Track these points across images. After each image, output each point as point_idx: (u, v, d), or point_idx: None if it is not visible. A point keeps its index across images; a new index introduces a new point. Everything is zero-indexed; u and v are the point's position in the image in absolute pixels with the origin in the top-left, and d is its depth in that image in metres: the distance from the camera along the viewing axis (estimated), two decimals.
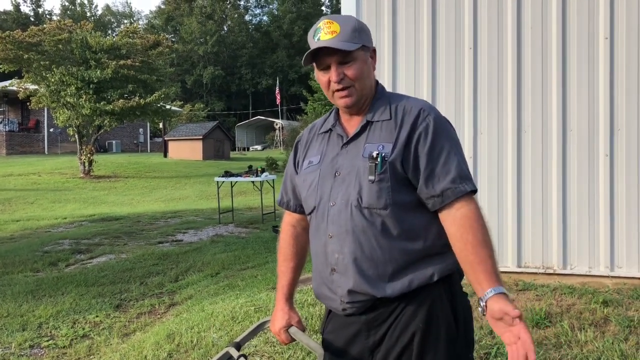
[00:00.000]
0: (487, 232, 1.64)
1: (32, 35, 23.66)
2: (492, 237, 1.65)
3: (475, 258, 1.59)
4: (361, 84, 1.74)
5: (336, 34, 1.70)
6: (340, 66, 1.71)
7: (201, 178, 24.32)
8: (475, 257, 1.59)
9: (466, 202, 1.65)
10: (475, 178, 4.75)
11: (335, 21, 1.72)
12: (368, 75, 1.76)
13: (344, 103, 1.75)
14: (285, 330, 1.90)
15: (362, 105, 1.78)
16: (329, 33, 1.70)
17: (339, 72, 1.71)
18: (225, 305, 4.88)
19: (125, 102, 24.34)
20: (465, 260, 1.61)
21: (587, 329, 3.56)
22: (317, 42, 1.71)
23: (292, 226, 1.99)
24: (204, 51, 67.76)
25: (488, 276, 1.57)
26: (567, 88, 4.61)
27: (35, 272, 7.54)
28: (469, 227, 1.62)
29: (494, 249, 1.62)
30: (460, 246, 1.62)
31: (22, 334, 4.96)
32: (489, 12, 4.77)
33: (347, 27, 1.71)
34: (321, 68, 1.74)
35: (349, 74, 1.71)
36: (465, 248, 1.61)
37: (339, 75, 1.71)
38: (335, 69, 1.71)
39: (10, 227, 12.18)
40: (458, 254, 1.64)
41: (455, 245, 1.64)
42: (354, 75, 1.72)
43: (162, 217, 13.04)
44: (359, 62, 1.72)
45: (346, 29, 1.71)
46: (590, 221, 4.59)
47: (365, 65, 1.75)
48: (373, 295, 1.69)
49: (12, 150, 35.53)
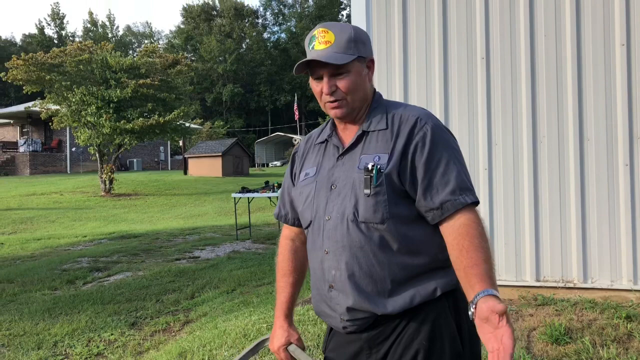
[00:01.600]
0: (485, 240, 1.55)
1: (54, 56, 24.13)
2: (490, 246, 1.57)
3: (469, 262, 1.51)
4: (353, 96, 1.68)
5: (330, 44, 1.65)
6: (333, 78, 1.66)
7: (220, 195, 24.40)
8: (469, 261, 1.51)
9: (466, 213, 1.58)
10: (490, 190, 4.66)
11: (330, 30, 1.67)
12: (362, 87, 1.70)
13: (335, 114, 1.71)
14: (284, 349, 1.84)
15: (357, 115, 1.73)
16: (323, 43, 1.65)
17: (330, 84, 1.66)
18: (239, 323, 4.82)
19: (144, 120, 24.61)
20: (460, 267, 1.53)
21: (609, 345, 3.43)
22: (310, 52, 1.67)
23: (291, 240, 1.93)
24: (223, 69, 68.61)
25: (480, 279, 1.48)
26: (584, 96, 4.51)
27: (53, 290, 7.57)
28: (465, 234, 1.55)
29: (491, 256, 1.54)
30: (456, 254, 1.55)
31: (37, 353, 4.96)
32: (501, 21, 4.70)
33: (343, 37, 1.66)
34: (314, 77, 1.70)
35: (341, 87, 1.66)
36: (460, 254, 1.53)
37: (330, 87, 1.67)
38: (327, 80, 1.66)
39: (31, 246, 12.30)
40: (454, 263, 1.56)
41: (452, 255, 1.57)
42: (346, 88, 1.66)
43: (181, 234, 13.07)
44: (353, 74, 1.67)
45: (341, 39, 1.65)
46: (611, 233, 4.45)
47: (359, 77, 1.69)
48: (373, 312, 1.63)
49: (36, 170, 36.14)
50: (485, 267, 1.50)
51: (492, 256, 1.55)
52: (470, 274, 1.50)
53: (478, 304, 1.44)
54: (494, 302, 1.40)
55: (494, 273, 1.52)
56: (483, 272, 1.49)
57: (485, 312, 1.40)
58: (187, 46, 75.06)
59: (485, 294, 1.43)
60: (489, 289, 1.45)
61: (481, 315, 1.42)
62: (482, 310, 1.41)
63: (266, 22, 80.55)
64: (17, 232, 15.82)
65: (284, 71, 69.80)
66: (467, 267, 1.51)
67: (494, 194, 4.67)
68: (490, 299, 1.41)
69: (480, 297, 1.44)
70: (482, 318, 1.41)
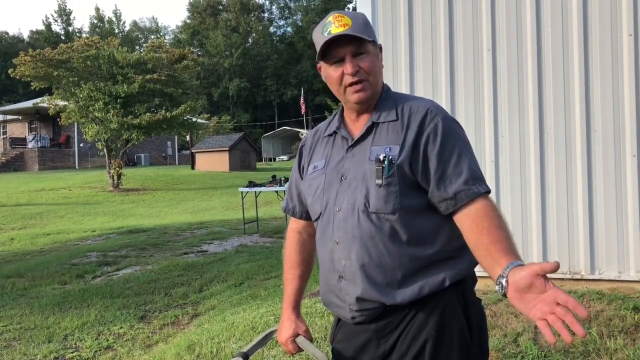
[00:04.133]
0: (504, 221, 1.53)
1: (62, 52, 24.22)
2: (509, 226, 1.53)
3: (491, 239, 1.46)
4: (374, 78, 1.69)
5: (348, 26, 1.64)
6: (355, 58, 1.65)
7: (227, 189, 24.46)
8: (490, 238, 1.46)
9: (481, 200, 1.57)
10: (497, 182, 4.66)
11: (346, 15, 1.68)
12: (379, 72, 1.72)
13: (358, 98, 1.68)
14: (292, 340, 1.85)
15: (372, 103, 1.73)
16: (342, 26, 1.64)
17: (354, 63, 1.65)
18: (247, 315, 4.86)
19: (152, 115, 24.69)
20: (481, 246, 1.48)
21: (616, 336, 3.43)
22: (330, 35, 1.64)
23: (298, 232, 1.94)
24: (229, 64, 68.60)
25: (505, 252, 1.41)
26: (590, 87, 4.49)
27: (63, 285, 7.64)
28: (484, 216, 1.52)
29: (512, 235, 1.49)
30: (475, 236, 1.51)
31: (47, 346, 5.01)
32: (507, 12, 4.67)
33: (358, 20, 1.68)
34: (333, 62, 1.67)
35: (363, 67, 1.66)
36: (480, 234, 1.49)
37: (354, 66, 1.65)
38: (350, 60, 1.65)
39: (41, 241, 12.40)
40: (474, 244, 1.51)
41: (470, 238, 1.53)
42: (369, 67, 1.66)
43: (189, 229, 13.13)
44: (372, 55, 1.68)
45: (357, 22, 1.67)
46: (618, 224, 4.43)
47: (377, 60, 1.70)
48: (382, 303, 1.63)
49: (44, 166, 36.34)
50: (508, 242, 1.46)
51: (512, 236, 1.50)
52: (493, 250, 1.44)
53: (510, 275, 1.33)
54: (531, 265, 1.29)
55: (517, 248, 1.46)
56: (507, 247, 1.44)
57: (526, 279, 1.27)
58: (194, 41, 75.06)
59: (515, 265, 1.35)
60: (517, 260, 1.38)
61: (521, 283, 1.29)
62: (522, 278, 1.28)
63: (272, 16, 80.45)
64: (26, 228, 15.94)
65: (290, 65, 69.72)
66: (489, 244, 1.46)
67: (500, 186, 4.67)
68: (524, 267, 1.31)
69: (511, 268, 1.34)
70: (523, 286, 1.28)
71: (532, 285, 1.26)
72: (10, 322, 5.78)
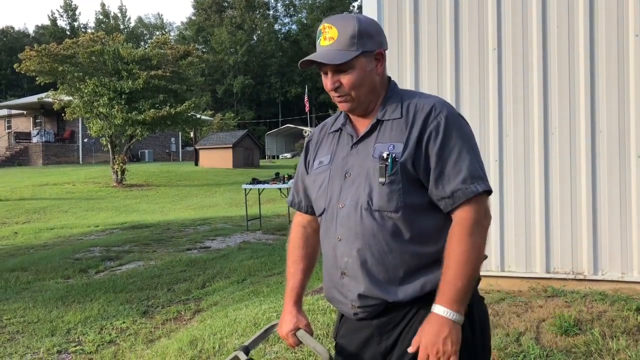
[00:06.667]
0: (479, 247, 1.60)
1: (67, 47, 24.27)
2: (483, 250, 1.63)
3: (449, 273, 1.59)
4: (358, 91, 1.68)
5: (333, 40, 1.65)
6: (336, 74, 1.67)
7: (231, 186, 24.47)
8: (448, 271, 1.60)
9: (474, 204, 1.59)
10: (501, 181, 4.65)
11: (334, 26, 1.66)
12: (368, 82, 1.69)
13: (341, 108, 1.74)
14: (293, 334, 1.86)
15: (367, 107, 1.74)
16: (327, 39, 1.66)
17: (334, 80, 1.68)
18: (249, 312, 4.87)
19: (156, 111, 24.71)
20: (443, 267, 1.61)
21: (619, 337, 3.43)
22: (317, 48, 1.70)
23: (303, 227, 1.95)
24: (234, 61, 68.58)
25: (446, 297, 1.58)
26: (596, 87, 4.48)
27: (66, 279, 7.67)
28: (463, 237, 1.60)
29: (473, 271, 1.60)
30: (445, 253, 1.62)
31: (50, 340, 5.03)
32: (513, 11, 4.66)
33: (346, 33, 1.65)
34: (321, 72, 1.71)
35: (344, 83, 1.67)
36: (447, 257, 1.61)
37: (333, 83, 1.68)
38: (330, 76, 1.68)
39: (44, 235, 12.45)
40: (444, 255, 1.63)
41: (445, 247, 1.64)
42: (349, 84, 1.67)
43: (192, 225, 13.15)
44: (357, 70, 1.66)
45: (344, 35, 1.65)
46: (622, 225, 4.42)
47: (364, 73, 1.68)
48: (384, 300, 1.65)
49: (48, 161, 36.42)
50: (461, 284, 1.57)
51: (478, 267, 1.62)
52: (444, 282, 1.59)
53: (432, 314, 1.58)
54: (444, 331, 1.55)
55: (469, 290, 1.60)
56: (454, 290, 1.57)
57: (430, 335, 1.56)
58: (198, 38, 75.03)
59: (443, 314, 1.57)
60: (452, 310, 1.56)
61: (426, 330, 1.58)
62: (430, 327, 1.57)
63: (277, 14, 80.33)
64: (30, 222, 16.00)
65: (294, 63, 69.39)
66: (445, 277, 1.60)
67: (504, 185, 4.66)
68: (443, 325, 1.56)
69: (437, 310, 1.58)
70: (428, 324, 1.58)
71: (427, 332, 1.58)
72: (13, 316, 5.80)
